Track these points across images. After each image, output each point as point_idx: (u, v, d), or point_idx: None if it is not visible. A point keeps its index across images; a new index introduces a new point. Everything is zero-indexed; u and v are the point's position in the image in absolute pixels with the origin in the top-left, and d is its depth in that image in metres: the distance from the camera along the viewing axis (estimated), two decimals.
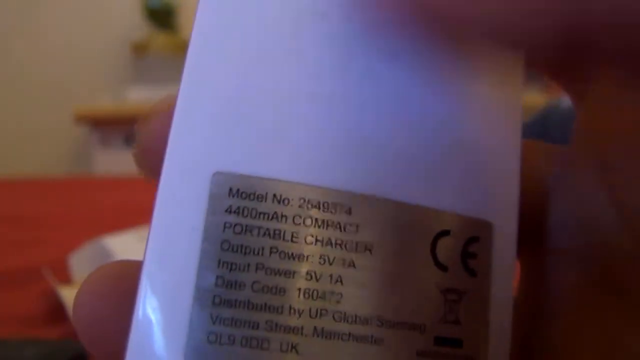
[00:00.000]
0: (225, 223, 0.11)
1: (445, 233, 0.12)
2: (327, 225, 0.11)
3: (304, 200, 0.11)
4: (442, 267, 0.11)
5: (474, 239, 0.12)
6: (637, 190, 0.12)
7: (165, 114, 0.11)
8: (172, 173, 0.11)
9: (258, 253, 0.11)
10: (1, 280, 0.44)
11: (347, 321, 0.11)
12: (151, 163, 0.11)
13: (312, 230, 0.11)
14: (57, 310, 0.38)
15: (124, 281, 0.11)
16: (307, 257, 0.11)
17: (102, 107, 1.60)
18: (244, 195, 0.11)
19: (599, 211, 0.12)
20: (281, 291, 0.11)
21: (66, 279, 0.43)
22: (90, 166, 1.58)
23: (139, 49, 1.66)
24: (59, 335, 0.36)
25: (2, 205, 0.66)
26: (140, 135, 0.12)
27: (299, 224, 0.11)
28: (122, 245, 0.41)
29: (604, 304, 0.12)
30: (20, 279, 0.45)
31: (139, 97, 1.57)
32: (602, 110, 0.12)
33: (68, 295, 0.38)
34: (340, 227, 0.11)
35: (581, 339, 0.12)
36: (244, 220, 0.11)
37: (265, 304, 0.10)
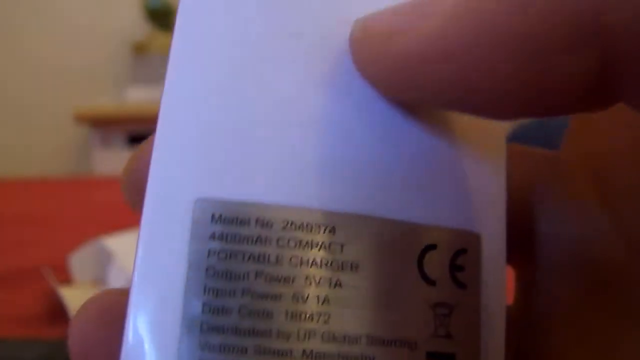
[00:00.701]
0: (209, 250, 0.11)
1: (432, 247, 0.11)
2: (312, 246, 0.11)
3: (288, 223, 0.11)
4: (430, 282, 0.11)
5: (461, 251, 0.12)
6: (631, 199, 0.12)
7: (149, 147, 0.11)
8: (155, 202, 0.11)
9: (243, 278, 0.11)
10: (1, 280, 0.44)
11: (336, 341, 0.11)
12: (138, 197, 0.11)
13: (296, 252, 0.11)
14: (57, 310, 0.38)
15: (117, 309, 0.11)
16: (293, 279, 0.11)
17: (102, 107, 1.60)
18: (226, 220, 0.11)
19: (591, 221, 0.12)
20: (268, 315, 0.11)
21: (66, 279, 0.43)
22: (90, 166, 1.58)
23: (139, 49, 1.66)
24: (59, 335, 0.36)
25: (2, 205, 0.66)
26: (127, 168, 0.12)
27: (283, 246, 0.11)
28: (122, 245, 0.41)
29: (599, 314, 0.12)
30: (20, 279, 0.45)
31: (139, 97, 1.57)
32: (595, 115, 0.12)
33: (68, 295, 0.38)
34: (325, 247, 0.11)
35: (578, 349, 0.12)
36: (228, 246, 0.11)
37: (253, 329, 0.10)
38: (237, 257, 0.11)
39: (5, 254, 0.50)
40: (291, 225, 0.11)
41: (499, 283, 0.12)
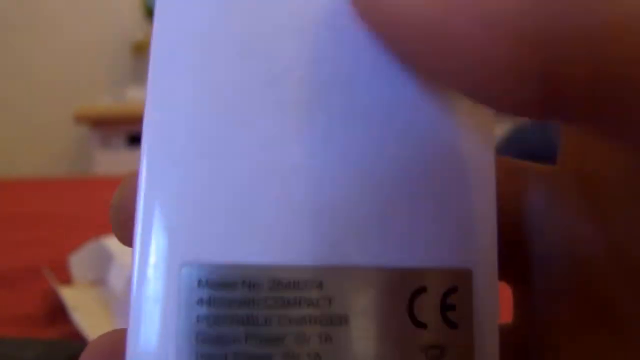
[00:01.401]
0: (197, 315, 0.11)
1: (421, 290, 0.11)
2: (300, 304, 0.11)
3: (274, 282, 0.11)
4: (421, 325, 0.11)
5: (452, 290, 0.11)
6: (628, 221, 0.11)
7: (132, 182, 0.11)
8: (142, 270, 0.11)
9: (234, 341, 0.11)
10: (1, 280, 0.44)
11: None
12: (125, 227, 0.12)
13: (285, 311, 0.11)
14: (57, 310, 0.38)
15: (119, 353, 0.11)
16: (283, 338, 0.11)
17: (102, 107, 1.60)
18: (213, 285, 0.11)
19: (587, 242, 0.12)
20: None
21: (66, 279, 0.43)
22: (90, 166, 1.58)
23: (139, 49, 1.66)
24: (59, 335, 0.36)
25: (2, 205, 0.66)
26: (113, 205, 0.13)
27: (272, 306, 0.11)
28: (122, 246, 0.41)
29: (597, 334, 0.12)
30: (20, 279, 0.45)
31: (139, 97, 1.57)
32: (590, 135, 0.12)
33: (68, 295, 0.38)
34: (313, 304, 0.11)
35: None
36: (216, 311, 0.11)
37: None
38: (225, 321, 0.11)
39: (5, 254, 0.50)
40: (278, 284, 0.11)
41: (492, 318, 0.12)
